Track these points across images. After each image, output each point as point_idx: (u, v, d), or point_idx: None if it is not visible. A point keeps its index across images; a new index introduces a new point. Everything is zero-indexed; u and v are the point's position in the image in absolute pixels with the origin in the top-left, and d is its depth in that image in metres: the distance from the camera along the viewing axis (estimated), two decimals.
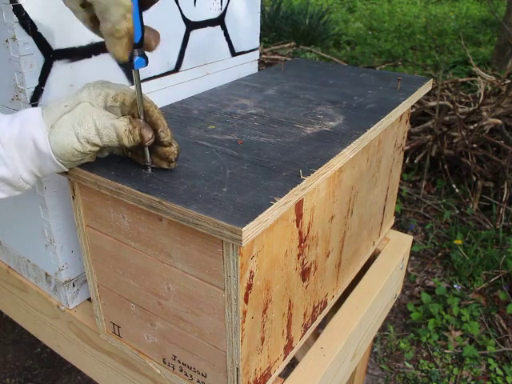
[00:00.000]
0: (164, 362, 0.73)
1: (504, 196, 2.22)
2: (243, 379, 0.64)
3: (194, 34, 0.92)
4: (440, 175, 2.55)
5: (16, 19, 0.62)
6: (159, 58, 0.86)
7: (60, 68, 0.69)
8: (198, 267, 0.59)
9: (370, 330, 0.99)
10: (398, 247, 1.10)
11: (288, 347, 0.76)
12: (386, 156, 0.93)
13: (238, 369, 0.63)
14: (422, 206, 2.38)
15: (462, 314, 1.78)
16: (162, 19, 0.84)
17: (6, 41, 0.64)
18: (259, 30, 1.09)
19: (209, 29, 0.95)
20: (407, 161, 2.56)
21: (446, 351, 1.69)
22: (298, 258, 0.69)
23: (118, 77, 0.79)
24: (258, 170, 0.61)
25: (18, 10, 0.62)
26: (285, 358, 0.76)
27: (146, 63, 0.56)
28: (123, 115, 0.60)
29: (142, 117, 0.59)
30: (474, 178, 2.37)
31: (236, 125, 0.76)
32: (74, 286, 0.85)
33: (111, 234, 0.66)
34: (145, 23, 0.54)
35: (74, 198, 0.68)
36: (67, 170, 0.61)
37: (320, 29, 4.97)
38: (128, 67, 0.56)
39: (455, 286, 1.90)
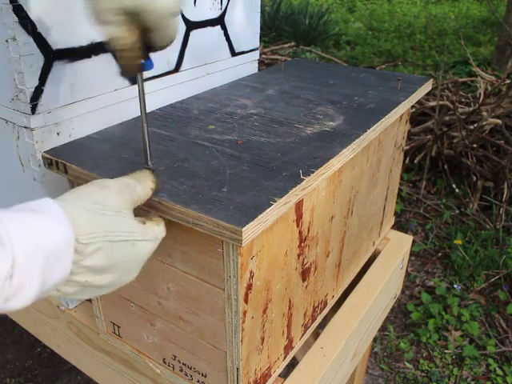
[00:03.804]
0: (164, 362, 0.73)
1: (504, 196, 2.22)
2: (243, 379, 0.64)
3: (194, 33, 0.92)
4: (440, 175, 2.55)
5: (16, 19, 0.62)
6: (159, 58, 0.86)
7: (60, 68, 0.69)
8: (197, 267, 0.59)
9: (369, 330, 0.99)
10: (398, 247, 1.10)
11: (288, 347, 0.76)
12: (385, 156, 0.93)
13: (238, 369, 0.63)
14: (422, 206, 2.38)
15: (462, 314, 1.78)
16: None
17: (6, 41, 0.64)
18: (259, 30, 1.09)
19: (209, 29, 0.95)
20: (407, 161, 2.56)
21: (446, 351, 1.68)
22: (298, 258, 0.69)
23: (118, 77, 0.79)
24: (258, 170, 0.61)
25: (18, 10, 0.62)
26: (285, 357, 0.76)
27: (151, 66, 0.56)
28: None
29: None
30: (474, 178, 2.37)
31: (236, 125, 0.76)
32: None
33: None
34: None
35: None
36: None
37: (320, 29, 4.97)
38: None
39: (455, 286, 1.90)
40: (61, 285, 0.44)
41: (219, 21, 0.97)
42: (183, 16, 0.88)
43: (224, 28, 0.99)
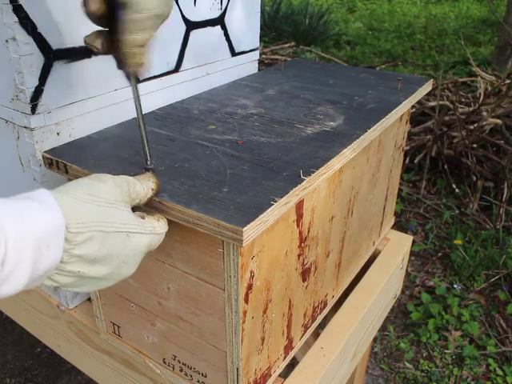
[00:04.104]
0: (164, 362, 0.73)
1: (504, 196, 2.22)
2: (243, 379, 0.64)
3: (194, 33, 0.92)
4: (440, 175, 2.55)
5: (16, 19, 0.62)
6: (159, 58, 0.86)
7: (60, 68, 0.69)
8: (198, 267, 0.59)
9: (369, 330, 0.99)
10: (398, 247, 1.10)
11: (288, 347, 0.76)
12: (386, 156, 0.93)
13: (238, 369, 0.63)
14: (422, 206, 2.38)
15: (462, 314, 1.78)
16: None
17: (6, 41, 0.63)
18: (259, 29, 1.09)
19: (209, 29, 0.95)
20: (407, 161, 2.56)
21: (445, 351, 1.69)
22: (298, 258, 0.69)
23: (118, 77, 0.79)
24: (259, 170, 0.61)
25: (18, 10, 0.62)
26: (285, 357, 0.76)
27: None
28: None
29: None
30: (474, 178, 2.37)
31: (236, 125, 0.76)
32: None
33: None
34: None
35: None
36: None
37: (320, 29, 4.96)
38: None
39: (455, 285, 1.90)
40: (54, 273, 0.44)
41: (219, 21, 0.97)
42: (183, 16, 0.88)
43: (224, 28, 0.99)
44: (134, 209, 0.53)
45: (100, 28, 0.55)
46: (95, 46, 0.56)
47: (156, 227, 0.52)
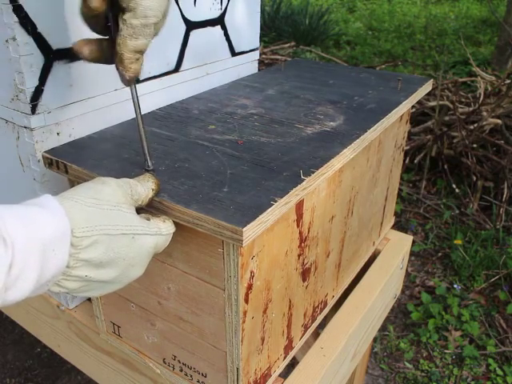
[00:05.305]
0: (164, 362, 0.73)
1: (504, 196, 2.22)
2: (243, 379, 0.64)
3: (194, 33, 0.92)
4: (440, 175, 2.55)
5: (16, 19, 0.62)
6: (159, 58, 0.86)
7: (60, 68, 0.69)
8: (198, 267, 0.59)
9: (369, 330, 0.99)
10: (398, 247, 1.10)
11: (288, 347, 0.76)
12: (386, 156, 0.93)
13: (238, 369, 0.63)
14: (422, 206, 2.38)
15: (462, 314, 1.78)
16: None
17: (6, 41, 0.63)
18: (259, 30, 1.09)
19: (209, 29, 0.95)
20: (407, 161, 2.56)
21: (445, 351, 1.69)
22: (299, 258, 0.69)
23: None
24: (259, 170, 0.61)
25: (18, 10, 0.62)
26: (285, 357, 0.76)
27: None
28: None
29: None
30: (474, 178, 2.37)
31: (236, 125, 0.76)
32: None
33: None
34: None
35: None
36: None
37: (320, 29, 4.97)
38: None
39: (455, 286, 1.90)
40: (61, 279, 0.44)
41: (219, 21, 0.97)
42: (183, 16, 0.88)
43: (224, 28, 0.99)
44: (139, 211, 0.53)
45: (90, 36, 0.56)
46: (83, 53, 0.56)
47: (161, 228, 0.53)
